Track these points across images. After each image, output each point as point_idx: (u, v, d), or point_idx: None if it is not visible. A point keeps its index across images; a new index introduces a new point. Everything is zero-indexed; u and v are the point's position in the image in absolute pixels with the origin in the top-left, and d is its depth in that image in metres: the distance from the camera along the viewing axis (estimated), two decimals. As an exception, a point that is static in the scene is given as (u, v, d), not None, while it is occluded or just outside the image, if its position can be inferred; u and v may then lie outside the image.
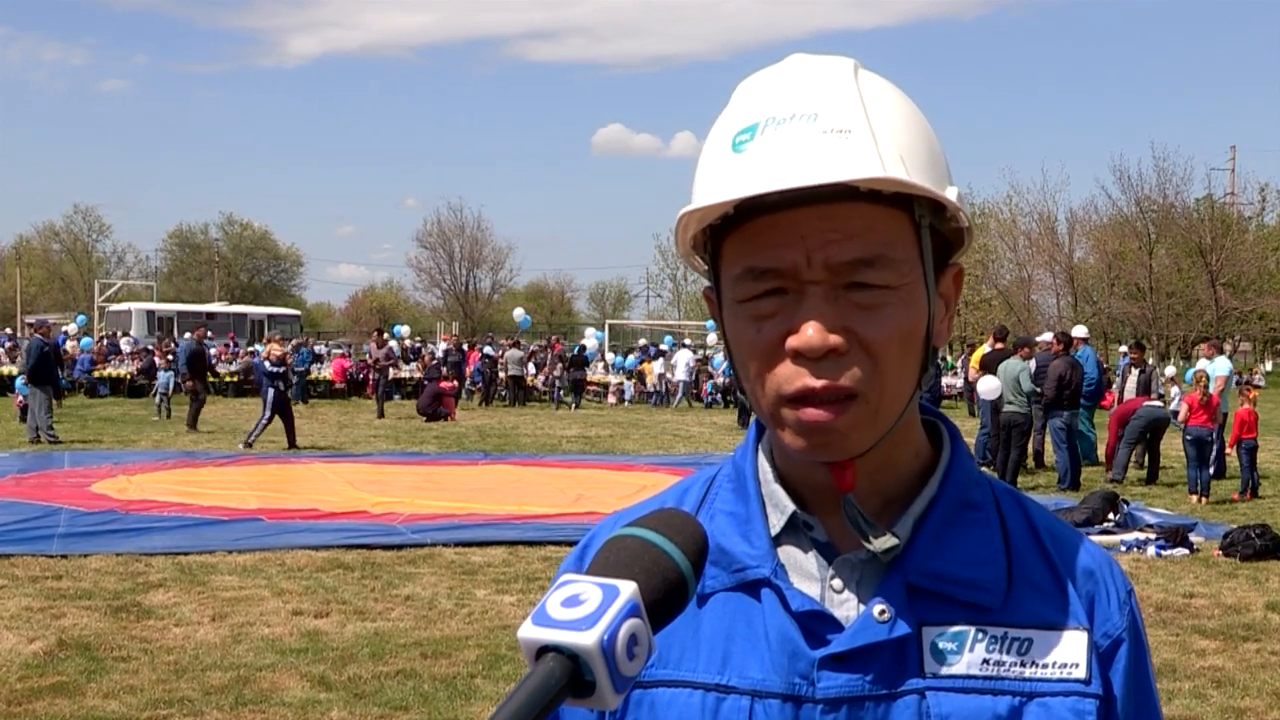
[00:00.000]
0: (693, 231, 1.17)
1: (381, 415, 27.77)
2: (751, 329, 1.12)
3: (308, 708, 6.37)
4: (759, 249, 1.10)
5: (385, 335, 30.48)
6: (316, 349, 41.93)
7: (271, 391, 19.94)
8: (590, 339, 39.73)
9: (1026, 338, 18.09)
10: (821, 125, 1.08)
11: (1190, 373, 17.29)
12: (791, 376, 1.09)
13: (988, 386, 16.59)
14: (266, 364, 20.24)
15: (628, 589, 0.89)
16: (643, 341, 46.74)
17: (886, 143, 1.09)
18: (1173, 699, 6.76)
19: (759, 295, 1.11)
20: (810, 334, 1.07)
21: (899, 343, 1.10)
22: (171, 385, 27.19)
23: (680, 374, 35.57)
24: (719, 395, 35.87)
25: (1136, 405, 17.56)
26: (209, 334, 29.13)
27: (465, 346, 35.05)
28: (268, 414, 19.97)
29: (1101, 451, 18.91)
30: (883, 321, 1.09)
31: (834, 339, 1.08)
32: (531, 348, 38.79)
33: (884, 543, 1.13)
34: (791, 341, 1.09)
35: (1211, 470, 16.99)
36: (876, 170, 1.06)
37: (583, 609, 0.87)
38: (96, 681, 6.73)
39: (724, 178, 1.10)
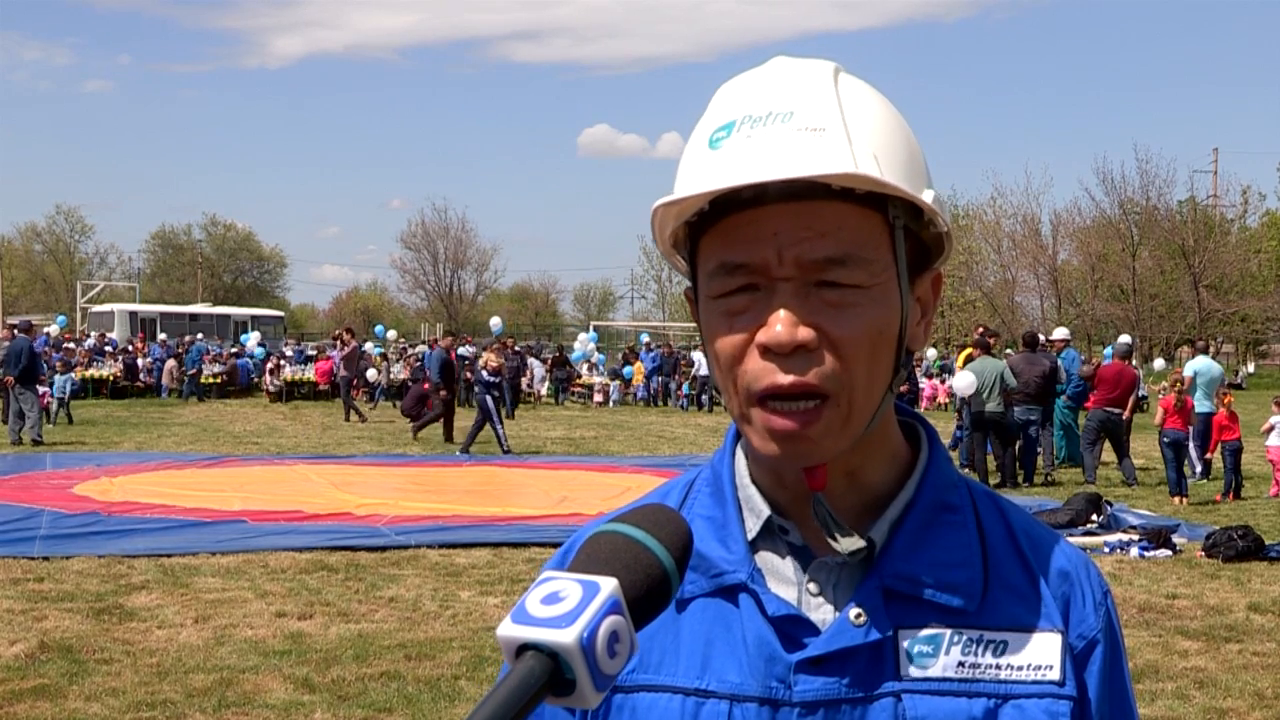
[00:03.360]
0: (670, 228, 1.18)
1: (347, 418, 27.33)
2: (724, 325, 1.13)
3: (291, 710, 6.35)
4: (732, 244, 1.11)
5: (349, 335, 30.11)
6: (298, 349, 41.80)
7: (489, 399, 20.54)
8: (583, 342, 39.44)
9: (983, 340, 18.09)
10: (796, 124, 1.09)
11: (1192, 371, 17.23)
12: (760, 373, 1.10)
13: (963, 382, 16.63)
14: (484, 373, 20.84)
15: (608, 585, 0.88)
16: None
17: (861, 142, 1.09)
18: (1155, 700, 6.79)
19: (731, 291, 1.12)
20: (779, 330, 1.08)
21: (869, 342, 1.11)
22: (69, 390, 26.06)
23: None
24: (698, 395, 35.55)
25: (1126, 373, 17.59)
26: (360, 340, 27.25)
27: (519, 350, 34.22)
28: (498, 420, 20.61)
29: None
30: (853, 320, 1.10)
31: (803, 333, 1.08)
32: (517, 349, 38.70)
33: (851, 544, 1.14)
34: (760, 336, 1.09)
35: (1199, 470, 17.07)
36: (847, 166, 1.07)
37: (562, 606, 0.86)
38: (78, 684, 6.70)
39: (699, 173, 1.12)
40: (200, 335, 41.18)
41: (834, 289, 1.10)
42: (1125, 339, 23.32)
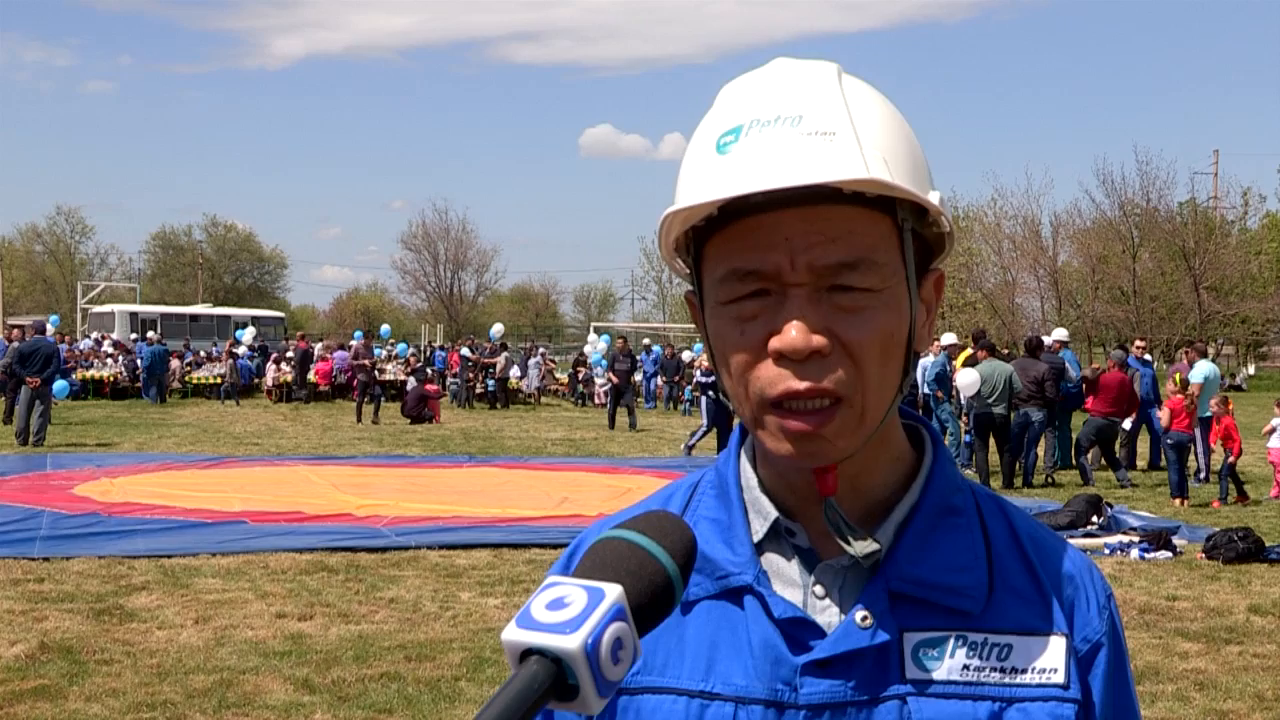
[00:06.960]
0: (676, 234, 1.17)
1: (359, 419, 27.39)
2: (735, 331, 1.12)
3: (291, 711, 6.35)
4: (742, 251, 1.10)
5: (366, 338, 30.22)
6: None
7: (704, 400, 21.09)
8: (595, 346, 39.37)
9: (987, 341, 18.08)
10: (805, 127, 1.08)
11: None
12: (775, 379, 1.09)
13: (967, 380, 16.60)
14: (697, 374, 21.72)
15: (613, 592, 0.88)
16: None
17: (870, 145, 1.09)
18: (1156, 701, 6.79)
19: (742, 297, 1.11)
20: (793, 335, 1.07)
21: (881, 346, 1.11)
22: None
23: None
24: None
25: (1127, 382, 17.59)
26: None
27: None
28: (706, 422, 20.94)
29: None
30: (865, 324, 1.10)
31: (817, 340, 1.07)
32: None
33: (864, 547, 1.14)
34: (774, 343, 1.08)
35: (1204, 476, 17.05)
36: (860, 172, 1.06)
37: (567, 612, 0.86)
38: (79, 685, 6.70)
39: (708, 179, 1.10)
40: (157, 338, 40.21)
41: (846, 293, 1.09)
42: (1119, 352, 23.40)
